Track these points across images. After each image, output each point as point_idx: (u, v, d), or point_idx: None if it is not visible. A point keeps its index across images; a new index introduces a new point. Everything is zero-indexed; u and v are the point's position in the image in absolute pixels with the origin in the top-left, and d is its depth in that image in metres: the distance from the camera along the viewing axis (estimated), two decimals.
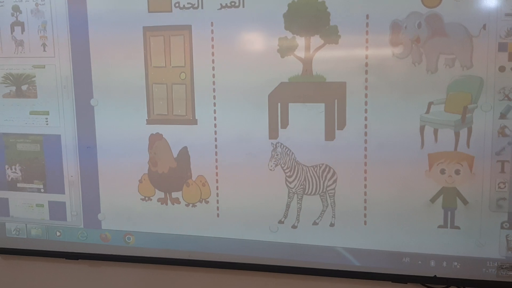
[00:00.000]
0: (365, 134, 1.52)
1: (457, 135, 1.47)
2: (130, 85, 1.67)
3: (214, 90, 1.62)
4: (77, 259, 1.83)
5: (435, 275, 1.55)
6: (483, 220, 1.49)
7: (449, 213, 1.51)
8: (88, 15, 1.67)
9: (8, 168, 1.83)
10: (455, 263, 1.53)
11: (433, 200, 1.51)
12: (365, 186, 1.55)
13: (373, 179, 1.54)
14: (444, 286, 1.59)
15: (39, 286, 1.96)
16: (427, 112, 1.47)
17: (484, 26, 1.41)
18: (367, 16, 1.47)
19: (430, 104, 1.47)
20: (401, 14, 1.45)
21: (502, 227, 1.49)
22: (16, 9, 1.73)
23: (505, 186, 1.47)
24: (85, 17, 1.67)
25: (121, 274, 1.87)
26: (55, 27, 1.70)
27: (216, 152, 1.65)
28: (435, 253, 1.53)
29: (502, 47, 1.41)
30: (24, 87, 1.77)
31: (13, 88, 1.78)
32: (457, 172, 1.48)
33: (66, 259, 1.84)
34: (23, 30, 1.73)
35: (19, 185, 1.83)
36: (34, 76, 1.75)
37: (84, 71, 1.70)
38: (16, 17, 1.73)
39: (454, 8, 1.42)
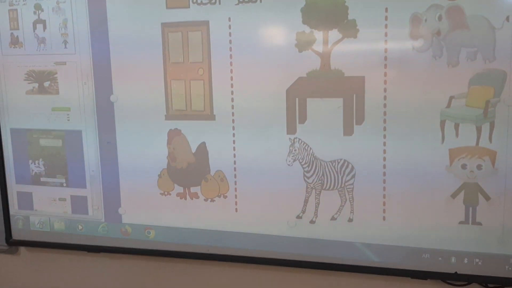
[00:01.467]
0: (384, 129, 1.51)
1: (478, 129, 1.44)
2: (148, 81, 1.69)
3: (232, 85, 1.62)
4: (98, 252, 1.87)
5: (456, 272, 1.53)
6: (506, 217, 1.46)
7: (470, 209, 1.48)
8: (108, 12, 1.69)
9: (31, 163, 1.88)
10: (477, 260, 1.51)
11: (454, 195, 1.49)
12: (384, 181, 1.53)
13: (392, 174, 1.52)
14: (465, 283, 1.57)
15: (62, 277, 2.01)
16: (448, 106, 1.44)
17: (507, 18, 1.37)
18: (386, 9, 1.45)
19: (451, 98, 1.44)
20: (421, 6, 1.42)
21: None
22: (38, 7, 1.76)
23: None
24: (105, 14, 1.69)
25: (141, 267, 1.90)
26: (75, 24, 1.73)
27: (234, 148, 1.66)
28: (456, 250, 1.51)
29: None
30: (46, 84, 1.81)
31: (36, 85, 1.82)
32: (479, 167, 1.45)
33: (88, 252, 1.88)
34: (45, 27, 1.77)
35: (42, 179, 1.87)
36: (56, 73, 1.79)
37: (103, 67, 1.72)
38: (38, 15, 1.77)
39: (476, 0, 1.38)
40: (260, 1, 1.55)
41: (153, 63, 1.67)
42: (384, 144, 1.51)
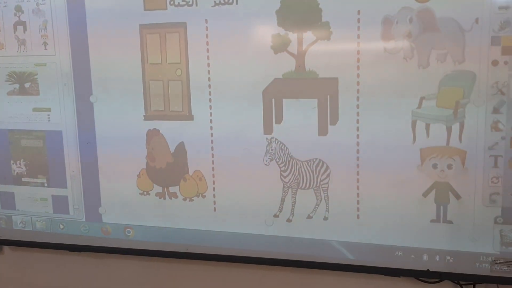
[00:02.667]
0: (358, 129, 1.53)
1: (449, 130, 1.47)
2: (127, 82, 1.71)
3: (209, 86, 1.64)
4: (80, 251, 1.89)
5: (428, 269, 1.55)
6: (476, 215, 1.49)
7: (441, 207, 1.51)
8: (87, 14, 1.71)
9: (13, 163, 1.89)
10: (448, 257, 1.54)
11: (425, 194, 1.51)
12: (358, 180, 1.56)
13: (365, 173, 1.55)
14: (437, 280, 1.60)
15: (44, 277, 2.03)
16: (419, 107, 1.47)
17: (476, 20, 1.40)
18: (359, 12, 1.47)
19: (422, 99, 1.47)
20: (393, 9, 1.45)
21: (495, 222, 1.49)
22: (18, 9, 1.78)
23: (498, 181, 1.46)
24: (84, 16, 1.71)
25: (122, 266, 1.92)
26: (55, 26, 1.75)
27: (212, 147, 1.68)
28: (428, 247, 1.54)
29: (495, 41, 1.40)
30: (27, 85, 1.82)
31: (17, 86, 1.83)
32: (450, 166, 1.48)
33: (69, 251, 1.90)
34: (25, 29, 1.78)
35: (23, 179, 1.89)
36: (36, 74, 1.80)
37: (83, 68, 1.74)
38: (19, 16, 1.78)
39: (446, 2, 1.41)
40: (236, 3, 1.57)
41: (131, 64, 1.69)
42: (358, 144, 1.54)
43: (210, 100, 1.65)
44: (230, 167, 1.68)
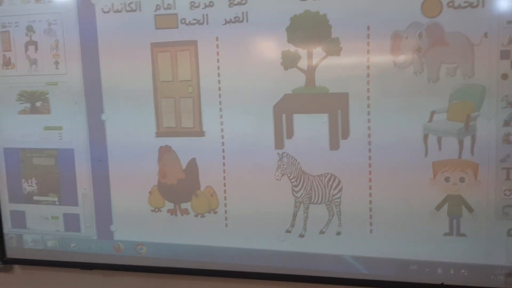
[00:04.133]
0: (369, 143, 1.54)
1: (461, 143, 1.47)
2: (139, 100, 1.72)
3: (220, 103, 1.66)
4: (91, 269, 1.88)
5: (443, 283, 1.55)
6: (489, 228, 1.49)
7: (454, 221, 1.51)
8: (98, 33, 1.72)
9: (24, 182, 1.90)
10: (463, 271, 1.53)
11: (438, 208, 1.52)
12: (370, 195, 1.56)
13: (378, 187, 1.55)
14: None
15: None
16: (430, 121, 1.48)
17: (485, 34, 1.42)
18: (368, 28, 1.49)
19: (432, 113, 1.48)
20: (402, 25, 1.47)
21: (509, 235, 1.49)
22: (30, 29, 1.80)
23: (511, 193, 1.47)
24: (95, 35, 1.73)
25: (134, 284, 1.91)
26: (66, 45, 1.76)
27: (223, 163, 1.69)
28: (442, 261, 1.54)
29: (504, 55, 1.42)
30: (38, 104, 1.84)
31: (28, 105, 1.85)
32: (462, 180, 1.49)
33: (81, 269, 1.89)
34: (36, 49, 1.80)
35: (35, 198, 1.89)
36: (48, 93, 1.82)
37: (94, 86, 1.76)
38: (30, 36, 1.80)
39: (455, 17, 1.43)
40: (247, 21, 1.59)
41: (143, 81, 1.71)
42: (369, 158, 1.55)
43: (221, 116, 1.66)
44: (241, 183, 1.68)
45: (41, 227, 1.91)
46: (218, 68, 1.64)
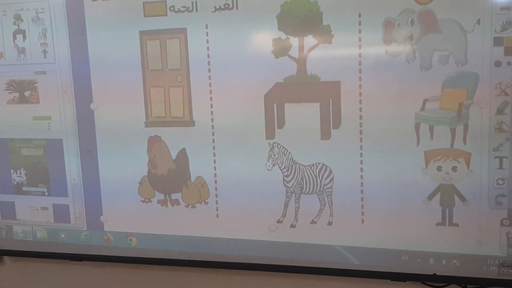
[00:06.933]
0: (360, 132, 1.52)
1: (453, 131, 1.46)
2: (128, 89, 1.70)
3: (210, 91, 1.63)
4: (81, 261, 1.87)
5: (435, 273, 1.54)
6: (482, 217, 1.48)
7: (447, 210, 1.50)
8: (86, 21, 1.70)
9: (13, 173, 1.88)
10: (455, 261, 1.52)
11: (430, 197, 1.50)
12: (362, 184, 1.54)
13: (369, 177, 1.53)
14: (444, 284, 1.58)
15: (46, 286, 2.01)
16: (422, 109, 1.46)
17: (478, 21, 1.39)
18: (360, 15, 1.47)
19: (425, 101, 1.46)
20: (394, 11, 1.44)
21: (502, 224, 1.47)
22: (18, 17, 1.77)
23: (504, 183, 1.45)
24: (83, 23, 1.70)
25: (124, 275, 1.90)
26: (54, 33, 1.74)
27: (214, 153, 1.67)
28: (434, 251, 1.52)
29: (497, 42, 1.40)
30: (27, 93, 1.81)
31: (17, 94, 1.82)
32: (454, 169, 1.47)
33: (70, 260, 1.88)
34: (24, 37, 1.77)
35: (24, 188, 1.87)
36: (36, 82, 1.79)
37: (83, 76, 1.73)
38: (18, 25, 1.77)
39: (447, 4, 1.40)
40: (236, 8, 1.56)
41: (132, 70, 1.68)
42: (361, 147, 1.53)
43: (211, 105, 1.64)
44: (232, 173, 1.66)
45: (30, 218, 1.89)
46: (208, 56, 1.61)
